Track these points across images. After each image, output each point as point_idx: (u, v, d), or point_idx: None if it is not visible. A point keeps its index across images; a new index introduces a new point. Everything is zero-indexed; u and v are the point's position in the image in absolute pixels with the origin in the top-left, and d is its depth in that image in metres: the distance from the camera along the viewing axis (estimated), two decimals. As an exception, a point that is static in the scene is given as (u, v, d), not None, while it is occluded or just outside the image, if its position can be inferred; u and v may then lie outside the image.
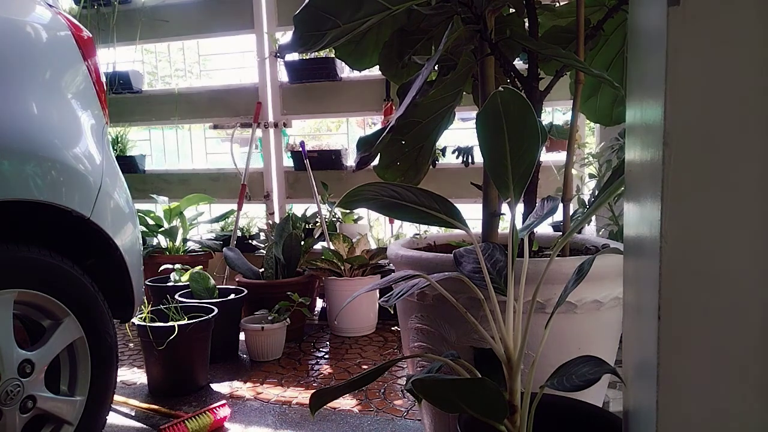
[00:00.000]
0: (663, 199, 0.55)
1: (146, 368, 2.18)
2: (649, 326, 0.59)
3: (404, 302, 1.31)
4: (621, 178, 0.89)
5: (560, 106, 3.18)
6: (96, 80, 1.57)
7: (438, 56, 1.14)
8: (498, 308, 0.93)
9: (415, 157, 1.37)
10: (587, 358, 0.88)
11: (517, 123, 0.87)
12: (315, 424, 1.86)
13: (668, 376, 0.56)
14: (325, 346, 2.67)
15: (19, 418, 1.30)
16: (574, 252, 1.34)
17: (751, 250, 0.54)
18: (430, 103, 1.29)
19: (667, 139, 0.54)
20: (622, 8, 1.25)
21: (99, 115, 1.57)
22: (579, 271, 0.93)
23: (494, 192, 1.24)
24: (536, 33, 1.28)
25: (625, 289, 0.87)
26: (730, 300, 0.55)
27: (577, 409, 0.98)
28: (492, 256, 1.08)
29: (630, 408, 0.79)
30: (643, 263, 0.65)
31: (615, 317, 1.18)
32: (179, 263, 3.00)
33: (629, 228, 0.79)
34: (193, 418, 1.79)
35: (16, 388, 1.28)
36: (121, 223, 1.54)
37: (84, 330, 1.44)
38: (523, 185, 0.92)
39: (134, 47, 3.81)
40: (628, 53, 1.31)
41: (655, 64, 0.58)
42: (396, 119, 1.14)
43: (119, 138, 3.81)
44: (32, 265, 1.34)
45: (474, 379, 0.86)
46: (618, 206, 2.14)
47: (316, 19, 0.98)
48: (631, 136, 0.79)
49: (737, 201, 0.54)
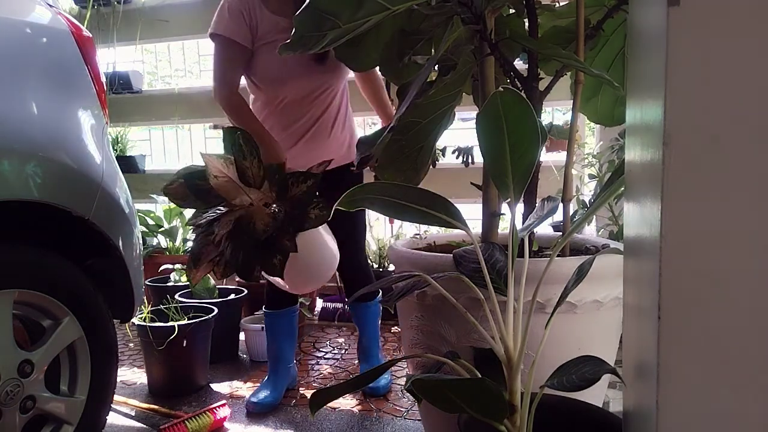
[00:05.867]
0: (663, 199, 0.55)
1: (146, 368, 2.18)
2: (649, 326, 0.59)
3: (404, 302, 1.31)
4: (621, 178, 0.89)
5: (560, 106, 3.18)
6: (96, 80, 1.57)
7: (438, 56, 1.14)
8: (498, 308, 0.93)
9: (415, 157, 1.37)
10: (587, 358, 0.88)
11: (517, 123, 0.87)
12: (315, 424, 1.86)
13: (668, 376, 0.56)
14: (325, 346, 2.67)
15: (19, 418, 1.30)
16: (574, 252, 1.34)
17: (751, 250, 0.54)
18: (430, 103, 1.29)
19: (667, 139, 0.54)
20: (622, 8, 1.25)
21: (99, 115, 1.57)
22: (579, 271, 0.93)
23: (494, 192, 1.24)
24: (536, 33, 1.28)
25: (625, 289, 0.87)
26: (730, 300, 0.55)
27: (577, 409, 0.98)
28: (492, 256, 1.08)
29: (630, 408, 0.79)
30: (643, 263, 0.65)
31: (615, 317, 1.18)
32: (179, 263, 2.99)
33: (629, 228, 0.79)
34: (193, 418, 1.79)
35: (16, 388, 1.28)
36: (121, 223, 1.54)
37: (84, 330, 1.44)
38: (523, 185, 0.92)
39: (134, 47, 3.81)
40: (628, 53, 1.31)
41: (655, 64, 0.58)
42: (396, 119, 1.14)
43: (119, 138, 3.81)
44: (32, 265, 1.34)
45: (474, 379, 0.86)
46: (618, 206, 2.14)
47: (316, 19, 0.98)
48: (631, 136, 0.79)
49: (737, 201, 0.54)
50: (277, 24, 1.80)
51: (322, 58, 1.83)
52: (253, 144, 1.48)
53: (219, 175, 1.43)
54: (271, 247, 1.50)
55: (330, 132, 1.96)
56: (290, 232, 1.50)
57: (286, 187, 1.53)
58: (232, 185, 1.46)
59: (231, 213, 1.46)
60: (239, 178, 1.46)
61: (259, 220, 1.45)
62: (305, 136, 1.92)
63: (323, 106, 1.92)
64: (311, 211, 1.53)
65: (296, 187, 1.52)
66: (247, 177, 1.47)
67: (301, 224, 1.53)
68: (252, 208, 1.48)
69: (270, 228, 1.44)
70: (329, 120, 1.95)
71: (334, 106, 1.96)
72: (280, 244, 1.50)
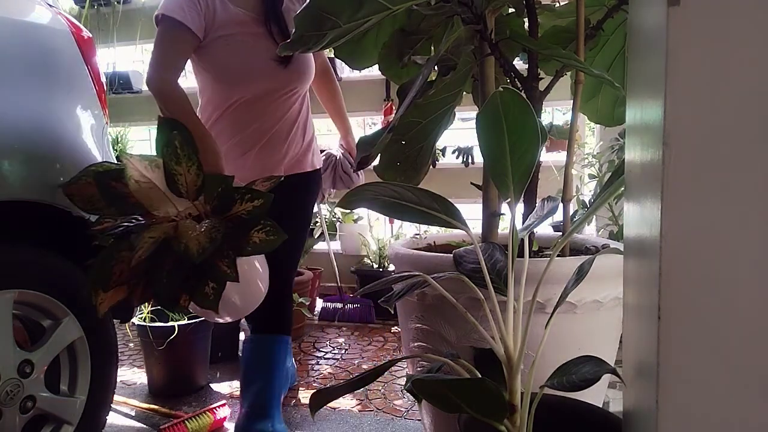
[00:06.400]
0: (663, 199, 0.55)
1: (146, 368, 2.18)
2: (649, 326, 0.59)
3: (404, 302, 1.31)
4: (621, 178, 0.89)
5: (560, 106, 3.18)
6: (96, 80, 1.57)
7: (438, 56, 1.14)
8: (498, 308, 0.93)
9: (415, 157, 1.37)
10: (587, 358, 0.88)
11: (517, 123, 0.87)
12: (315, 424, 1.87)
13: (668, 376, 0.56)
14: (325, 346, 2.67)
15: (19, 418, 1.30)
16: (574, 252, 1.34)
17: (751, 250, 0.54)
18: (430, 103, 1.29)
19: (667, 139, 0.54)
20: (622, 8, 1.25)
21: (99, 115, 1.57)
22: (579, 271, 0.93)
23: (494, 192, 1.24)
24: (536, 33, 1.28)
25: (625, 289, 0.87)
26: (730, 300, 0.55)
27: (577, 409, 0.98)
28: (492, 256, 1.08)
29: (630, 408, 0.79)
30: (643, 263, 0.65)
31: (615, 317, 1.18)
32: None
33: (629, 228, 0.79)
34: (193, 418, 1.79)
35: (16, 388, 1.28)
36: (121, 223, 1.54)
37: (84, 330, 1.44)
38: (523, 185, 0.92)
39: (134, 47, 3.81)
40: (628, 53, 1.31)
41: (655, 64, 0.58)
42: (396, 119, 1.14)
43: (119, 138, 3.80)
44: (32, 265, 1.34)
45: (474, 379, 0.86)
46: (618, 206, 2.14)
47: (317, 19, 0.98)
48: (631, 136, 0.79)
49: (737, 201, 0.54)
50: (237, 16, 1.61)
51: (287, 58, 1.64)
52: (193, 146, 1.23)
53: (141, 179, 1.18)
54: (203, 273, 1.22)
55: (286, 140, 1.73)
56: (230, 256, 1.22)
57: (230, 202, 1.26)
58: (156, 193, 1.20)
59: (154, 229, 1.19)
60: (168, 185, 1.21)
61: (193, 239, 1.16)
62: (259, 143, 1.70)
63: (282, 110, 1.71)
64: (255, 235, 1.26)
65: (242, 204, 1.25)
66: (178, 185, 1.21)
67: (241, 248, 1.26)
68: (180, 224, 1.21)
69: (207, 250, 1.15)
70: (287, 126, 1.73)
71: (294, 111, 1.74)
72: (217, 269, 1.22)
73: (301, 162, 1.80)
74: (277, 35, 1.65)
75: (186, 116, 1.46)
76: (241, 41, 1.62)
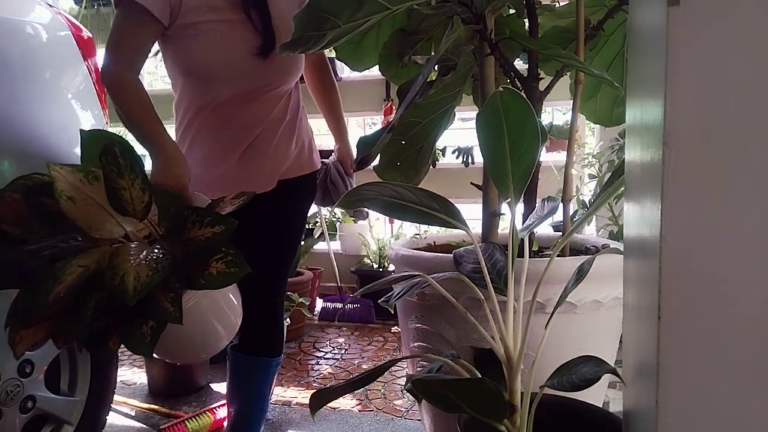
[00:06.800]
0: (663, 199, 0.55)
1: (146, 368, 2.18)
2: (649, 326, 0.59)
3: (404, 302, 1.31)
4: (621, 178, 0.89)
5: (560, 106, 3.18)
6: (96, 80, 1.57)
7: (438, 56, 1.14)
8: (498, 308, 0.93)
9: (415, 157, 1.37)
10: (587, 358, 0.88)
11: (517, 123, 0.87)
12: (315, 424, 1.87)
13: (668, 376, 0.56)
14: (325, 346, 2.67)
15: (19, 418, 1.30)
16: (574, 252, 1.34)
17: (751, 249, 0.54)
18: (430, 103, 1.29)
19: (667, 139, 0.54)
20: (622, 8, 1.25)
21: (99, 115, 1.57)
22: (579, 271, 0.93)
23: (494, 192, 1.24)
24: (536, 33, 1.28)
25: (625, 289, 0.87)
26: (730, 300, 0.55)
27: (577, 409, 0.98)
28: (492, 256, 1.08)
29: (630, 408, 0.79)
30: (643, 263, 0.65)
31: (615, 317, 1.18)
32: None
33: (629, 228, 0.79)
34: (193, 418, 1.79)
35: (16, 388, 1.28)
36: (121, 223, 1.54)
37: (84, 330, 1.44)
38: (523, 185, 0.92)
39: (134, 47, 3.80)
40: (628, 53, 1.31)
41: (655, 64, 0.58)
42: (396, 119, 1.14)
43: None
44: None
45: (474, 379, 0.86)
46: (618, 206, 2.14)
47: (316, 19, 0.98)
48: (631, 136, 0.79)
49: (737, 201, 0.54)
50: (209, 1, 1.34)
51: (268, 50, 1.37)
52: (134, 156, 1.04)
53: (75, 195, 0.98)
54: (140, 310, 0.97)
55: (272, 143, 1.48)
56: (175, 290, 1.00)
57: (181, 225, 1.07)
58: (95, 210, 1.01)
59: (87, 255, 0.98)
60: (110, 201, 1.02)
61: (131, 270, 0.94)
62: (240, 148, 1.45)
63: (265, 110, 1.46)
64: (214, 264, 1.03)
65: (201, 229, 1.04)
66: (122, 201, 1.02)
67: (194, 280, 1.03)
68: (122, 248, 1.00)
69: (146, 288, 0.93)
70: (272, 128, 1.48)
71: (280, 110, 1.49)
72: (157, 305, 0.99)
73: (294, 166, 1.55)
74: (257, 23, 1.37)
75: (144, 118, 1.27)
76: (213, 30, 1.34)
